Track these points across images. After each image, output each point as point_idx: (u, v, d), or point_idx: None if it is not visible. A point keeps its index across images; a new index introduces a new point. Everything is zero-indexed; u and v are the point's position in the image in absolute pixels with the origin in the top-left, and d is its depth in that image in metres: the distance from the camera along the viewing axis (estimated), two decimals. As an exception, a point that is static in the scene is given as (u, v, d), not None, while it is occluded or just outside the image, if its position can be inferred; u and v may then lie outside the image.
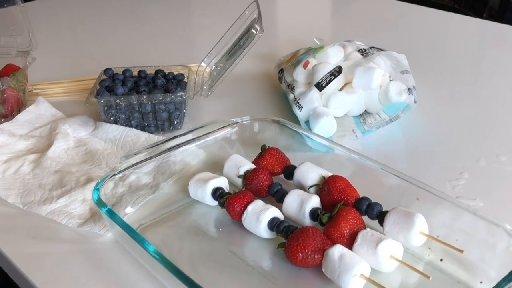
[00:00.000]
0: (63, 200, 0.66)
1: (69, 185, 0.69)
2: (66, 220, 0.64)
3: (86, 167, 0.74)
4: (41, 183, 0.70)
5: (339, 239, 0.55)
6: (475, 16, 1.52)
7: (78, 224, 0.63)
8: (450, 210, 0.57)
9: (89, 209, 0.65)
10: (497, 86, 1.00)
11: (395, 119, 0.80)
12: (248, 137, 0.76)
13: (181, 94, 0.80)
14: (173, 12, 1.52)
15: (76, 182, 0.70)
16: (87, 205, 0.66)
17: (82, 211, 0.65)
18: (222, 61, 0.86)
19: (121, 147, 0.78)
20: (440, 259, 0.55)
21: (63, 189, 0.69)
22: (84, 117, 0.85)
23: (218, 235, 0.62)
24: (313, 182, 0.65)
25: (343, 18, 1.47)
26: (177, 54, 1.19)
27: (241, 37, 0.82)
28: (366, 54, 0.84)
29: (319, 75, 0.81)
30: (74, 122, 0.83)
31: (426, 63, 1.09)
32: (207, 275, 0.55)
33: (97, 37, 1.34)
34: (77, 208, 0.65)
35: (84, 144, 0.79)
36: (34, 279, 0.57)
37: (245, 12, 0.83)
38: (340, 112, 0.82)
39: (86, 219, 0.64)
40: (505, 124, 0.85)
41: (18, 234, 0.63)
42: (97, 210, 0.64)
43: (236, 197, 0.61)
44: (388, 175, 0.62)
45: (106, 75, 0.88)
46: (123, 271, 0.57)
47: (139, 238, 0.53)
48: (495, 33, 1.31)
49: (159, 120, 0.82)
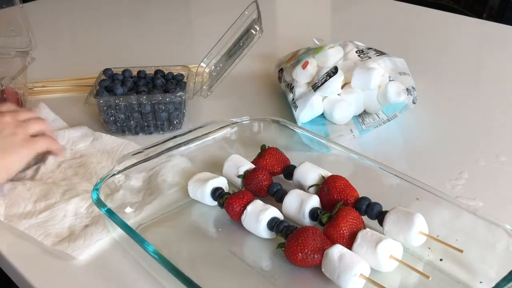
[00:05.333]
0: (44, 215, 0.65)
1: (53, 198, 0.67)
2: (42, 237, 0.61)
3: (75, 180, 0.72)
4: (28, 194, 0.68)
5: (339, 239, 0.55)
6: (475, 17, 1.51)
7: (53, 242, 0.61)
8: (449, 210, 0.57)
9: (67, 227, 0.63)
10: (496, 86, 1.00)
11: (392, 118, 0.80)
12: (248, 137, 0.76)
13: (180, 94, 0.80)
14: (173, 12, 1.52)
15: (61, 195, 0.68)
16: (66, 222, 0.64)
17: (60, 229, 0.63)
18: (222, 61, 0.85)
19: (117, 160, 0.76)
20: (440, 259, 0.55)
21: (47, 202, 0.67)
22: (84, 128, 0.83)
23: (217, 235, 0.62)
24: (312, 182, 0.65)
25: (343, 18, 1.47)
26: (177, 55, 1.18)
27: (241, 38, 0.82)
28: (364, 56, 0.84)
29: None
30: (73, 134, 0.81)
31: (425, 63, 1.09)
32: (206, 275, 0.55)
33: (96, 37, 1.34)
34: (55, 224, 0.63)
35: (81, 156, 0.78)
36: (33, 280, 0.57)
37: (245, 12, 0.83)
38: (344, 120, 0.82)
39: (62, 237, 0.62)
40: (505, 124, 0.85)
41: (18, 235, 0.63)
42: (75, 229, 0.63)
43: (235, 197, 0.61)
44: (387, 175, 0.62)
45: (106, 75, 0.88)
46: (122, 271, 0.57)
47: (138, 238, 0.53)
48: (495, 33, 1.31)
49: (158, 120, 0.82)
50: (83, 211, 0.66)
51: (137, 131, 0.83)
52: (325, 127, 0.82)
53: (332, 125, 0.83)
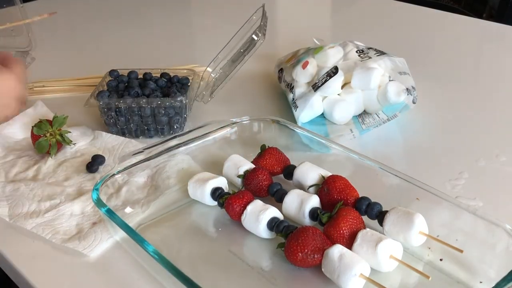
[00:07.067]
0: (50, 214, 0.65)
1: (58, 199, 0.68)
2: (51, 235, 0.62)
3: (79, 179, 0.72)
4: (31, 194, 0.68)
5: (339, 239, 0.55)
6: (475, 16, 1.51)
7: (62, 240, 0.61)
8: (449, 210, 0.57)
9: (75, 224, 0.64)
10: (496, 86, 1.00)
11: (392, 118, 0.80)
12: (248, 137, 0.76)
13: (180, 99, 0.79)
14: (174, 12, 1.52)
15: (66, 195, 0.68)
16: (74, 221, 0.64)
17: (68, 227, 0.63)
18: (225, 66, 0.85)
19: (118, 157, 0.76)
20: (440, 259, 0.55)
21: (52, 202, 0.67)
22: (83, 128, 0.83)
23: (217, 235, 0.62)
24: (312, 182, 0.65)
25: (343, 18, 1.47)
26: (179, 55, 1.18)
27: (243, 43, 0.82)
28: (364, 56, 0.84)
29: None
30: (72, 133, 0.80)
31: (425, 63, 1.09)
32: (206, 275, 0.55)
33: (96, 37, 1.34)
34: (63, 223, 0.64)
35: (81, 154, 0.78)
36: (33, 280, 0.57)
37: (252, 17, 0.83)
38: (344, 120, 0.82)
39: (71, 235, 0.62)
40: (504, 124, 0.85)
41: (18, 235, 0.63)
42: (83, 227, 0.63)
43: (235, 197, 0.61)
44: (387, 175, 0.62)
45: (111, 76, 0.88)
46: (122, 271, 0.57)
47: (138, 238, 0.53)
48: (495, 33, 1.31)
49: (158, 124, 0.81)
50: (90, 209, 0.66)
51: (138, 134, 0.83)
52: (325, 127, 0.82)
53: (332, 125, 0.83)
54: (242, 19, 0.84)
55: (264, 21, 0.79)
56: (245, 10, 0.88)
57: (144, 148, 0.68)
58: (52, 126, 0.76)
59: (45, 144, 0.75)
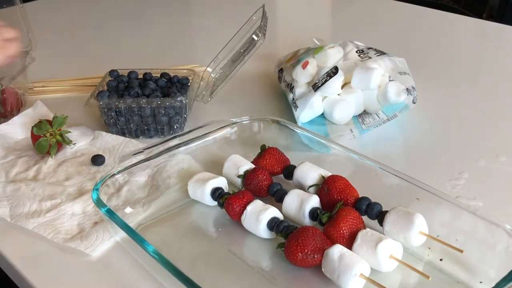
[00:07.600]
0: (51, 214, 0.65)
1: (59, 198, 0.68)
2: (52, 235, 0.62)
3: (80, 179, 0.72)
4: (32, 194, 0.68)
5: (339, 239, 0.55)
6: (475, 16, 1.51)
7: (64, 240, 0.61)
8: (449, 210, 0.57)
9: (77, 224, 0.64)
10: (496, 86, 1.00)
11: (392, 118, 0.80)
12: (248, 137, 0.76)
13: (180, 99, 0.79)
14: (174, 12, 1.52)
15: (67, 195, 0.68)
16: (75, 220, 0.64)
17: (69, 226, 0.63)
18: (225, 66, 0.85)
19: (118, 157, 0.76)
20: (440, 259, 0.55)
21: (53, 201, 0.67)
22: (83, 127, 0.83)
23: (217, 235, 0.62)
24: (312, 182, 0.65)
25: (343, 18, 1.47)
26: (181, 56, 1.18)
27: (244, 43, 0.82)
28: (364, 56, 0.84)
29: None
30: (72, 133, 0.80)
31: (425, 63, 1.09)
32: (206, 275, 0.55)
33: (96, 37, 1.34)
34: (65, 222, 0.64)
35: (81, 154, 0.78)
36: (33, 280, 0.57)
37: (252, 17, 0.83)
38: (344, 120, 0.82)
39: (73, 235, 0.62)
40: (504, 124, 0.85)
41: (18, 235, 0.63)
42: (84, 227, 0.63)
43: (235, 197, 0.61)
44: (388, 175, 0.62)
45: (111, 77, 0.88)
46: (122, 271, 0.57)
47: (138, 238, 0.53)
48: (495, 33, 1.31)
49: (158, 124, 0.81)
50: (91, 209, 0.66)
51: (138, 134, 0.83)
52: (325, 127, 0.83)
53: (332, 125, 0.83)
54: (242, 19, 0.84)
55: (264, 21, 0.79)
56: (245, 10, 0.88)
57: (144, 148, 0.68)
58: (52, 126, 0.76)
59: (45, 144, 0.75)
